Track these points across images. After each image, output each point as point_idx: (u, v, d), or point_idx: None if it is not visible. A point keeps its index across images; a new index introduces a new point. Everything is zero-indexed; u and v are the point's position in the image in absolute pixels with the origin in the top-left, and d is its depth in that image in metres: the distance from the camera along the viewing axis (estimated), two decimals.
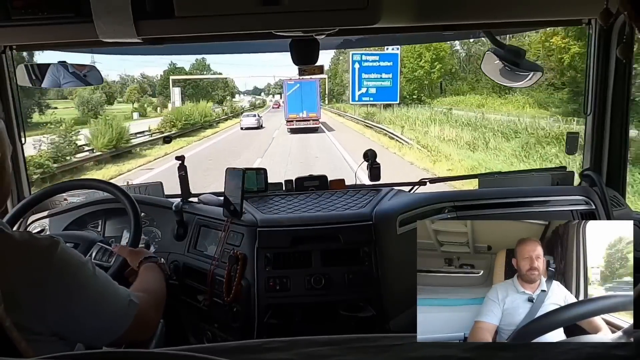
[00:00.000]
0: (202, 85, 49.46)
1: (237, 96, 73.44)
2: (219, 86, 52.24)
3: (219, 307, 1.55)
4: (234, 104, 54.76)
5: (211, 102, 44.84)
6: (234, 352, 0.52)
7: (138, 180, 7.65)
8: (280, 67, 77.24)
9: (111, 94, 43.57)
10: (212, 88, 50.56)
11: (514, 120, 17.33)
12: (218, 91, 51.46)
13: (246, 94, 72.43)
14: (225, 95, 52.94)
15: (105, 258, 1.45)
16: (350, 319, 1.49)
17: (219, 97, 50.21)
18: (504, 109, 22.13)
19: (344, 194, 1.83)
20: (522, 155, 13.43)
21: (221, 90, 52.42)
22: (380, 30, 1.51)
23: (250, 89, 74.47)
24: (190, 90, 46.06)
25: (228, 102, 52.33)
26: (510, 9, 1.35)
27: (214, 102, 47.00)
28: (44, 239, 0.92)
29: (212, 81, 51.71)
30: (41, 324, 0.87)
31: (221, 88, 52.74)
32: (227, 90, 55.33)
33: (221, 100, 50.41)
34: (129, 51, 2.02)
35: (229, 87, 59.50)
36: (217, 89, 51.56)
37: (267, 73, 76.48)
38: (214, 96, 49.01)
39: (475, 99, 26.66)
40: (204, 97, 44.75)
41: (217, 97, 49.48)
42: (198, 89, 47.79)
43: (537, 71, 1.66)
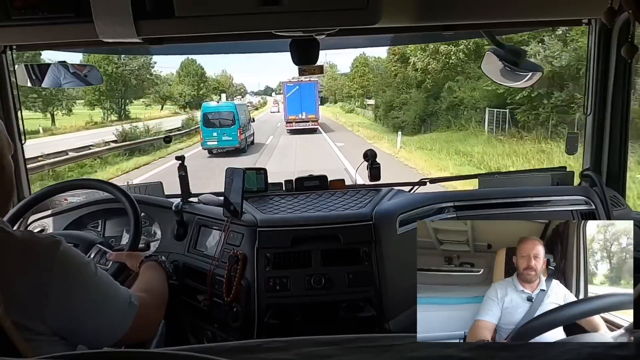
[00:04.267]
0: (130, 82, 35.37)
1: (247, 96, 70.61)
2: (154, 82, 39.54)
3: (219, 307, 1.55)
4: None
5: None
6: (234, 352, 0.52)
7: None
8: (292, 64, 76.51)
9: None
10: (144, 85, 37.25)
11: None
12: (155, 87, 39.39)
13: (256, 94, 70.23)
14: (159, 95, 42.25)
15: (103, 260, 1.45)
16: (350, 319, 1.49)
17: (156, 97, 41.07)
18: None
19: (343, 194, 1.83)
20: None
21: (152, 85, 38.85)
22: (380, 30, 1.51)
23: (262, 89, 73.17)
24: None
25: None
26: (511, 9, 1.35)
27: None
28: (46, 238, 0.92)
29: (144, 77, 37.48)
30: (43, 324, 0.87)
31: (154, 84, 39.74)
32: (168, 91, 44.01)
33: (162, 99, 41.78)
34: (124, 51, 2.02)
35: (226, 86, 53.82)
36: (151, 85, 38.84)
37: (283, 71, 74.58)
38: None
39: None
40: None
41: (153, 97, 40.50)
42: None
43: (537, 71, 1.66)
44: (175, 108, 45.46)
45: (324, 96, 59.90)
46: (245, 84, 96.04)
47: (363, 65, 48.32)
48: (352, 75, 51.32)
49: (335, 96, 61.02)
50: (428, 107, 23.16)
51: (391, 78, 30.33)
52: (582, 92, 4.47)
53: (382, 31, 1.55)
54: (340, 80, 57.51)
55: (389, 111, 26.99)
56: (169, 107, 46.07)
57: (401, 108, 25.40)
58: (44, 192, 1.60)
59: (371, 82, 44.52)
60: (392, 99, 27.25)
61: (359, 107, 47.36)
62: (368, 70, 47.71)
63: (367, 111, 40.94)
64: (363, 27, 1.27)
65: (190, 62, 46.74)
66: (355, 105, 49.40)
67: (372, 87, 43.35)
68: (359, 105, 48.00)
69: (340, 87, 57.29)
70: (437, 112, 22.61)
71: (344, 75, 55.83)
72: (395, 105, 26.39)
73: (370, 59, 48.95)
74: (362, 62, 48.34)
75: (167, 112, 42.40)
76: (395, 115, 25.72)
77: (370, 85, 44.96)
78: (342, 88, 56.12)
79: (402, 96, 26.08)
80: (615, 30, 1.73)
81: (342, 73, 58.62)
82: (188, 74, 47.10)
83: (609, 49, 1.77)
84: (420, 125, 23.08)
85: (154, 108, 43.98)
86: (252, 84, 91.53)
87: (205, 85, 49.85)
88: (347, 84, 52.45)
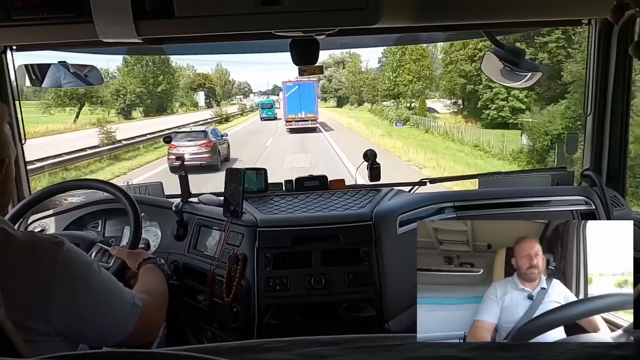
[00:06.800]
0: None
1: (251, 96, 67.00)
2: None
3: (219, 307, 1.55)
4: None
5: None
6: (234, 352, 0.52)
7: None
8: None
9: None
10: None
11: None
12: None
13: (264, 93, 67.05)
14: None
15: (104, 259, 1.45)
16: (350, 319, 1.49)
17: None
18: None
19: (344, 194, 1.83)
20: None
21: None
22: (380, 31, 1.51)
23: (270, 88, 71.75)
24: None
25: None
26: (511, 9, 1.35)
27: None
28: (48, 238, 0.92)
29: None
30: (46, 325, 0.87)
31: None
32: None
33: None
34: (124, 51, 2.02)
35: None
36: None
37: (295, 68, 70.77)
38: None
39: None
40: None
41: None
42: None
43: (537, 71, 1.66)
44: (105, 114, 29.12)
45: (342, 95, 48.49)
46: (253, 82, 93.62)
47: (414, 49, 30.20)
48: (393, 62, 33.13)
49: (360, 95, 44.10)
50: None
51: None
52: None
53: (382, 31, 1.55)
54: (368, 73, 43.39)
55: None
56: (96, 112, 29.14)
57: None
58: (44, 192, 1.61)
59: (430, 72, 28.90)
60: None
61: (417, 111, 28.70)
62: (423, 54, 30.51)
63: (438, 122, 24.00)
64: (363, 27, 1.27)
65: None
66: (406, 108, 30.59)
67: (445, 80, 27.95)
68: (417, 109, 28.99)
69: (370, 81, 41.52)
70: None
71: (381, 66, 39.87)
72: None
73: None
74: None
75: (88, 121, 26.23)
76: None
77: (435, 77, 29.83)
78: (372, 83, 40.51)
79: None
80: (616, 30, 1.73)
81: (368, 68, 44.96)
82: (139, 61, 31.47)
83: (609, 49, 1.77)
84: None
85: (55, 114, 27.62)
86: (261, 83, 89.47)
87: (172, 79, 33.96)
88: (388, 75, 34.62)
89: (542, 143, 15.66)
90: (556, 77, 20.34)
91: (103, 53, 1.95)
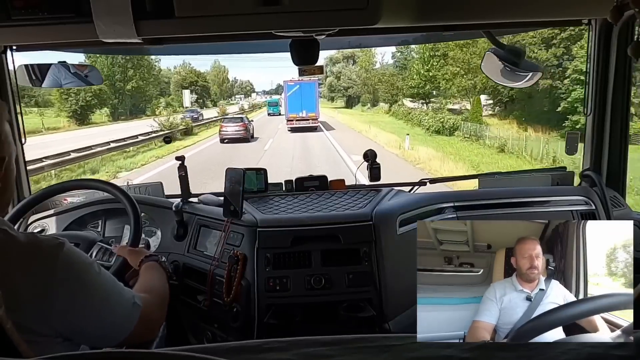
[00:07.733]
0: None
1: (253, 95, 66.07)
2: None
3: (219, 307, 1.55)
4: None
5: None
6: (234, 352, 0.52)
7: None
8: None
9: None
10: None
11: None
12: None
13: (267, 93, 66.00)
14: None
15: (105, 258, 1.46)
16: (350, 319, 1.49)
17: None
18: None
19: (344, 194, 1.83)
20: None
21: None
22: (380, 31, 1.51)
23: (274, 87, 70.84)
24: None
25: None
26: (511, 9, 1.35)
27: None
28: (49, 239, 0.92)
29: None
30: (47, 326, 0.87)
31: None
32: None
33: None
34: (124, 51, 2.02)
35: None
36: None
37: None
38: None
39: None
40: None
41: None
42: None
43: (537, 71, 1.66)
44: (47, 119, 22.99)
45: (352, 95, 43.21)
46: (256, 81, 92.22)
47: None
48: (424, 52, 26.41)
49: (374, 95, 37.56)
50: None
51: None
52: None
53: (382, 31, 1.55)
54: (385, 69, 37.52)
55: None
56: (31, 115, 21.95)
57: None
58: (44, 192, 1.61)
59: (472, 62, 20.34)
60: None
61: (470, 115, 20.67)
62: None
63: (490, 129, 16.33)
64: (363, 27, 1.27)
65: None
66: (448, 110, 23.00)
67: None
68: (469, 113, 20.81)
69: (387, 78, 35.43)
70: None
71: (395, 62, 34.12)
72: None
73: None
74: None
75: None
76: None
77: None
78: (391, 80, 34.47)
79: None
80: (615, 30, 1.73)
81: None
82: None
83: (609, 49, 1.77)
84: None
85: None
86: (264, 82, 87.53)
87: (145, 73, 27.74)
88: (417, 69, 28.34)
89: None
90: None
91: (103, 53, 1.95)
